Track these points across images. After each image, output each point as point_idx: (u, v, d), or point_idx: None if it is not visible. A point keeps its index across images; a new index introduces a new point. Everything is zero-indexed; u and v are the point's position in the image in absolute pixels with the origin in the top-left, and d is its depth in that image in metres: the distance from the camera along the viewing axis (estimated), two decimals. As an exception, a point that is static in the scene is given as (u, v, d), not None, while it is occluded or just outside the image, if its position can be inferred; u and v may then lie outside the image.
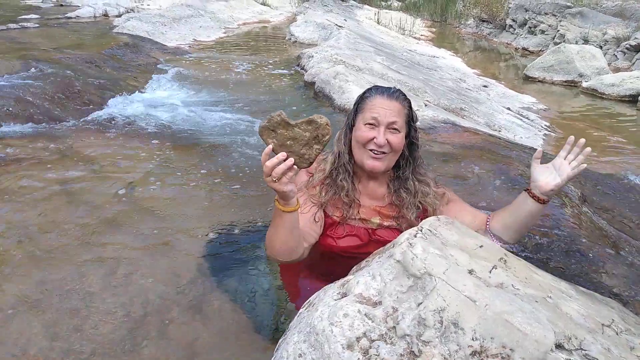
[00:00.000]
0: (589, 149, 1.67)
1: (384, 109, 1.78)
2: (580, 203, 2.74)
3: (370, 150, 1.79)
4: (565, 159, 1.70)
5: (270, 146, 1.52)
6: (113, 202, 2.72)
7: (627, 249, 2.39)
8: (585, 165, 1.66)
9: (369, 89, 1.90)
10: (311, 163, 1.57)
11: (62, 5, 12.76)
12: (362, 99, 1.88)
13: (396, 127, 1.78)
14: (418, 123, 1.97)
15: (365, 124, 1.80)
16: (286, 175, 1.50)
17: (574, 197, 2.77)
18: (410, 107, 1.87)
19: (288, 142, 1.52)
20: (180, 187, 2.97)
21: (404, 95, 1.87)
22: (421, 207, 1.89)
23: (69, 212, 2.58)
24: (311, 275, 1.99)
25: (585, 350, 1.07)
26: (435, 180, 1.98)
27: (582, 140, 1.69)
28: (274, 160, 1.49)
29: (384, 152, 1.79)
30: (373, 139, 1.77)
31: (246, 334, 1.85)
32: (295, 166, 1.52)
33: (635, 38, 9.97)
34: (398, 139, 1.80)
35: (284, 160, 1.49)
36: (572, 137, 1.70)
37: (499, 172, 3.12)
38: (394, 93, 1.84)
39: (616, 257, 2.23)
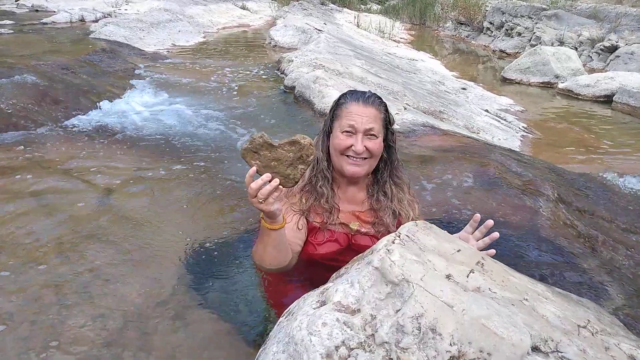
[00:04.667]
0: (496, 234, 1.66)
1: (360, 116, 1.77)
2: (556, 203, 2.79)
3: (349, 156, 1.79)
4: (471, 235, 1.71)
5: (254, 168, 1.50)
6: (90, 212, 2.68)
7: (603, 249, 2.43)
8: (494, 251, 1.64)
9: (344, 95, 1.89)
10: (297, 182, 1.57)
11: (37, 10, 12.54)
12: (337, 106, 1.86)
13: (373, 133, 1.78)
14: (397, 127, 1.98)
15: (343, 132, 1.79)
16: (272, 195, 1.50)
17: (550, 197, 2.82)
18: (386, 110, 1.86)
19: (272, 163, 1.50)
20: (159, 196, 2.93)
21: (380, 99, 1.86)
22: (397, 213, 1.90)
23: (45, 223, 2.53)
24: (293, 284, 1.98)
25: (561, 352, 1.08)
26: (409, 185, 1.99)
27: (490, 222, 1.68)
28: (259, 181, 1.48)
29: (363, 158, 1.79)
30: (351, 146, 1.77)
31: (228, 344, 1.84)
32: (280, 186, 1.51)
33: (609, 39, 10.20)
34: (376, 145, 1.80)
35: (269, 181, 1.48)
36: (477, 215, 1.70)
37: (478, 174, 3.16)
38: (369, 98, 1.83)
39: (592, 257, 2.27)
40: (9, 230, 2.43)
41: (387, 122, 1.86)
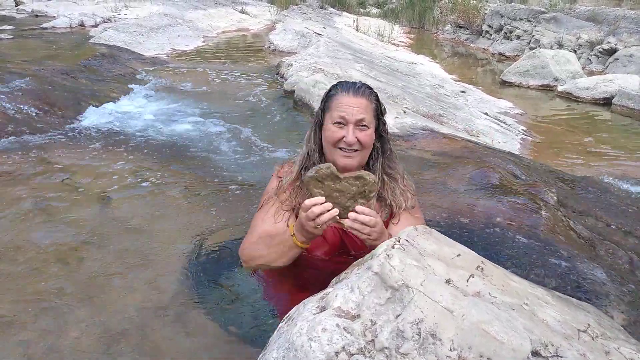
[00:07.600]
0: None
1: (350, 107, 1.76)
2: (556, 206, 2.78)
3: (341, 149, 1.78)
4: None
5: (319, 197, 1.56)
6: (90, 216, 2.68)
7: (602, 252, 2.43)
8: None
9: (334, 86, 1.87)
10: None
11: (37, 15, 12.56)
12: (327, 97, 1.85)
13: (365, 124, 1.77)
14: (397, 131, 1.96)
15: (334, 123, 1.78)
16: (327, 223, 1.54)
17: (550, 200, 2.81)
18: (377, 100, 1.85)
19: (334, 194, 1.57)
20: (159, 200, 2.94)
21: (370, 89, 1.85)
22: (387, 202, 1.87)
23: (44, 228, 2.53)
24: (289, 284, 1.97)
25: (561, 357, 1.08)
26: (405, 175, 1.96)
27: None
28: (322, 207, 1.53)
29: (355, 150, 1.78)
30: (342, 138, 1.76)
31: (227, 349, 1.83)
32: (337, 217, 1.55)
33: (608, 42, 10.22)
34: (368, 136, 1.78)
35: (329, 210, 1.53)
36: None
37: (478, 178, 3.16)
38: (360, 88, 1.81)
39: (592, 260, 2.27)
40: (9, 236, 2.43)
41: (379, 112, 1.85)
